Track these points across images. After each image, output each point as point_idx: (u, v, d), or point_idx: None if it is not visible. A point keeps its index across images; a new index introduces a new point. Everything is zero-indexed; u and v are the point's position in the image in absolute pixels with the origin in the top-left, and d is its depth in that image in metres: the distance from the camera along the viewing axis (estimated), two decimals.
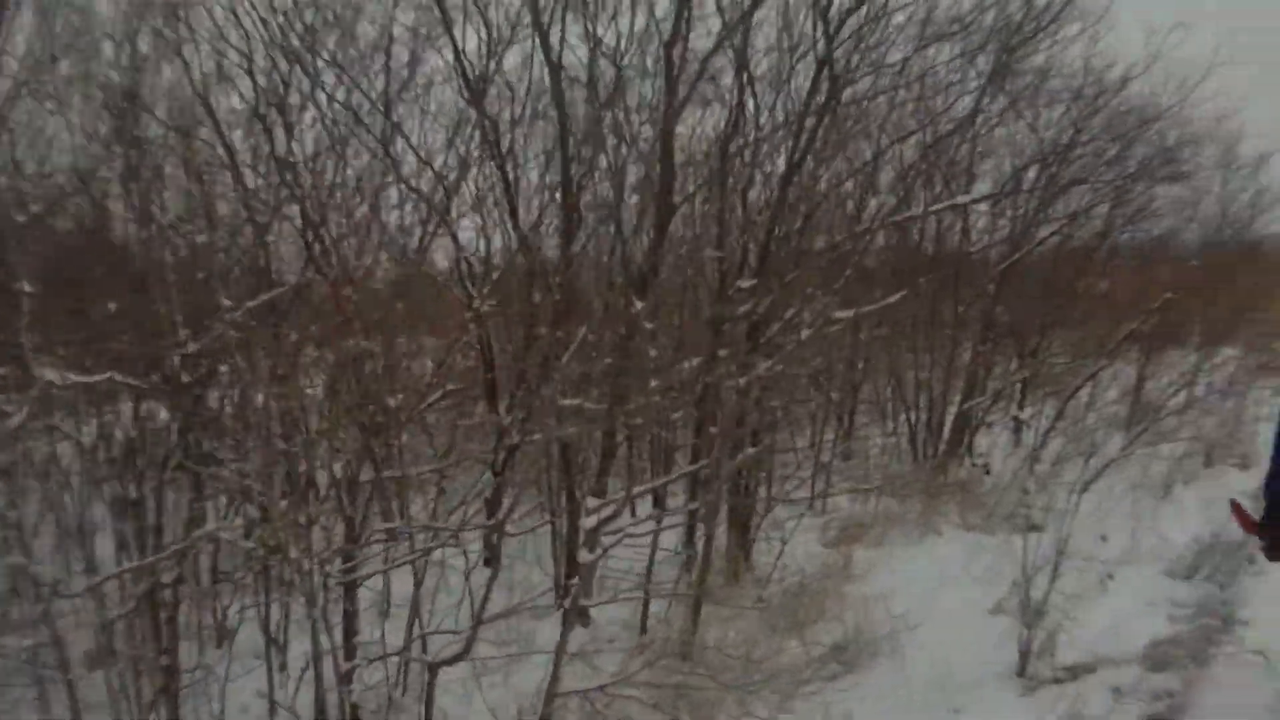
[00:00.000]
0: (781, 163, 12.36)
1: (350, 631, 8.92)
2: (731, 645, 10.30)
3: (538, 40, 11.05)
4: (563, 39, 11.16)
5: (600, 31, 11.49)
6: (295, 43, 11.10)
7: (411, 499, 11.80)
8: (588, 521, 8.23)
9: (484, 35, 11.89)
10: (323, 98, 11.65)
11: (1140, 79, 16.22)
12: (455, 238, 12.93)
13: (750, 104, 12.31)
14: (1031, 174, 17.45)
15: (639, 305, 8.71)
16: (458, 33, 11.58)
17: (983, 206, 18.28)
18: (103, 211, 10.36)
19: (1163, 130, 17.42)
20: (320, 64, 11.55)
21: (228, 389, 9.91)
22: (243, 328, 8.62)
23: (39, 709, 8.30)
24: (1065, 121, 16.90)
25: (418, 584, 9.16)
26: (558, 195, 12.30)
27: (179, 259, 9.39)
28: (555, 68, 10.91)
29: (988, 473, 17.42)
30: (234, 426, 9.34)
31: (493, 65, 12.07)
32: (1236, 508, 5.82)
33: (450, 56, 11.88)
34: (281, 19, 10.87)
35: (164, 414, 9.26)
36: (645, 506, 14.17)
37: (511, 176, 12.37)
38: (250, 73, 10.79)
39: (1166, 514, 15.15)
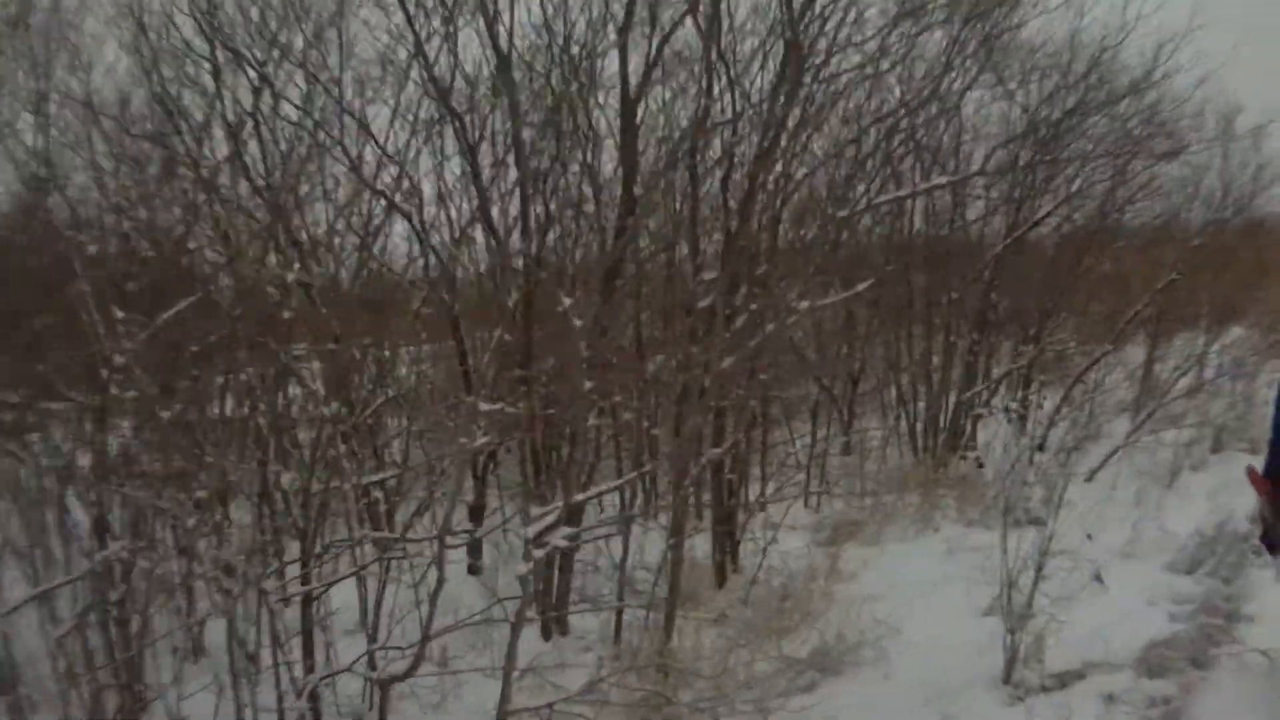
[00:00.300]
0: (752, 149, 11.86)
1: (309, 647, 8.53)
2: (708, 653, 9.86)
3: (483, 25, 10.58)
4: (512, 25, 10.77)
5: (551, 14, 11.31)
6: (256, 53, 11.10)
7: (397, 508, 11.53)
8: (527, 531, 7.80)
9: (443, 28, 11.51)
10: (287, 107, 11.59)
11: (1125, 48, 15.96)
12: (422, 237, 12.56)
13: (719, 88, 11.86)
14: (1025, 154, 16.78)
15: (567, 302, 8.21)
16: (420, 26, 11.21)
17: (978, 189, 17.67)
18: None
19: (1155, 105, 16.90)
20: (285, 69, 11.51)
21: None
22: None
23: None
24: (1056, 98, 16.41)
25: (362, 598, 8.88)
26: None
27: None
28: (504, 57, 10.48)
29: (980, 466, 16.85)
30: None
31: (454, 58, 11.73)
32: (1252, 472, 6.57)
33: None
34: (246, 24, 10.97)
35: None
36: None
37: (486, 174, 12.05)
38: (215, 79, 10.85)
39: (1171, 504, 14.57)
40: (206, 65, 10.99)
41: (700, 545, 12.80)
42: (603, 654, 10.30)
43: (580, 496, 8.95)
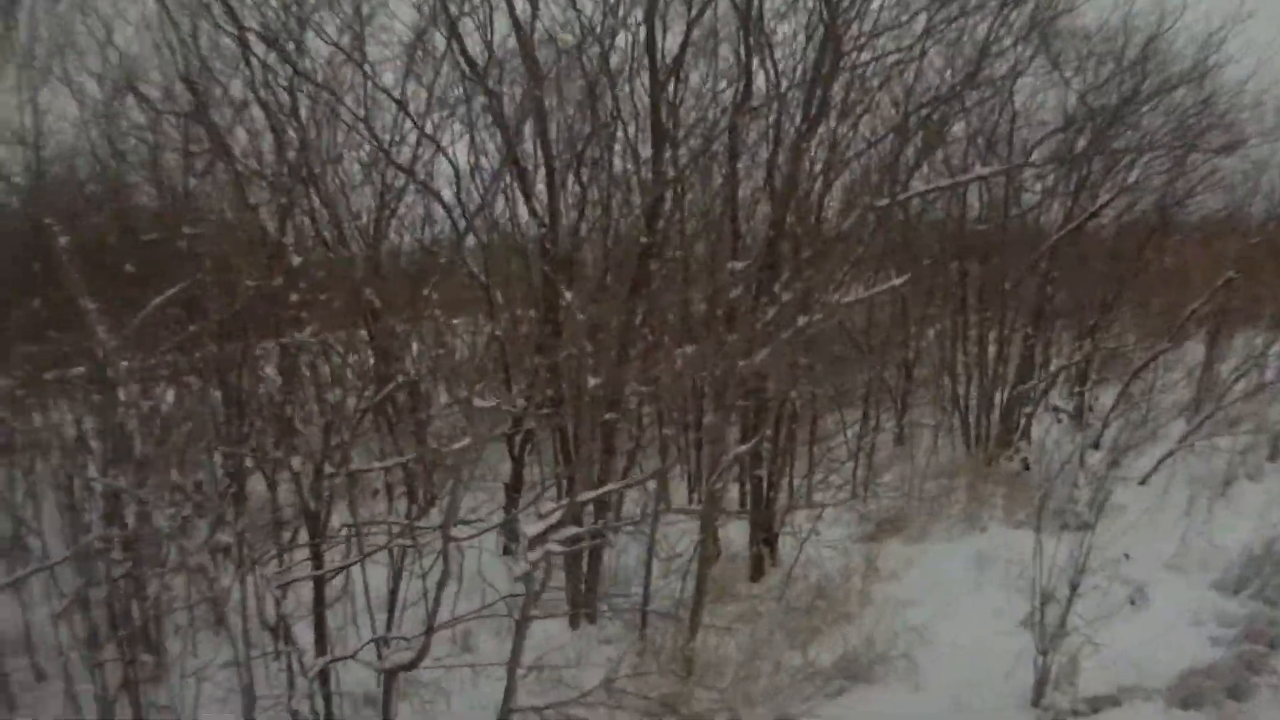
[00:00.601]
0: (791, 131, 11.49)
1: (320, 631, 8.31)
2: (733, 653, 9.52)
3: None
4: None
5: None
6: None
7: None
8: (532, 528, 7.60)
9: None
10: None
11: (1177, 36, 15.48)
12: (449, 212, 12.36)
13: (758, 68, 11.52)
14: (1081, 142, 16.26)
15: (567, 296, 7.88)
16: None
17: (1032, 178, 17.20)
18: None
19: (1211, 97, 16.23)
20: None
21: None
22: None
23: None
24: (1110, 84, 15.86)
25: (368, 585, 8.73)
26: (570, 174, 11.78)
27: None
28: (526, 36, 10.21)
29: (1026, 468, 16.35)
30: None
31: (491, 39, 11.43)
32: None
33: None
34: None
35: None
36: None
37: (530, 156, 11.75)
38: (245, 58, 10.54)
39: (1222, 515, 13.93)
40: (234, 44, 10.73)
41: (739, 536, 12.57)
42: (626, 647, 9.96)
43: (584, 495, 8.60)
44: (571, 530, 8.13)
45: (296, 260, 8.32)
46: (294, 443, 8.50)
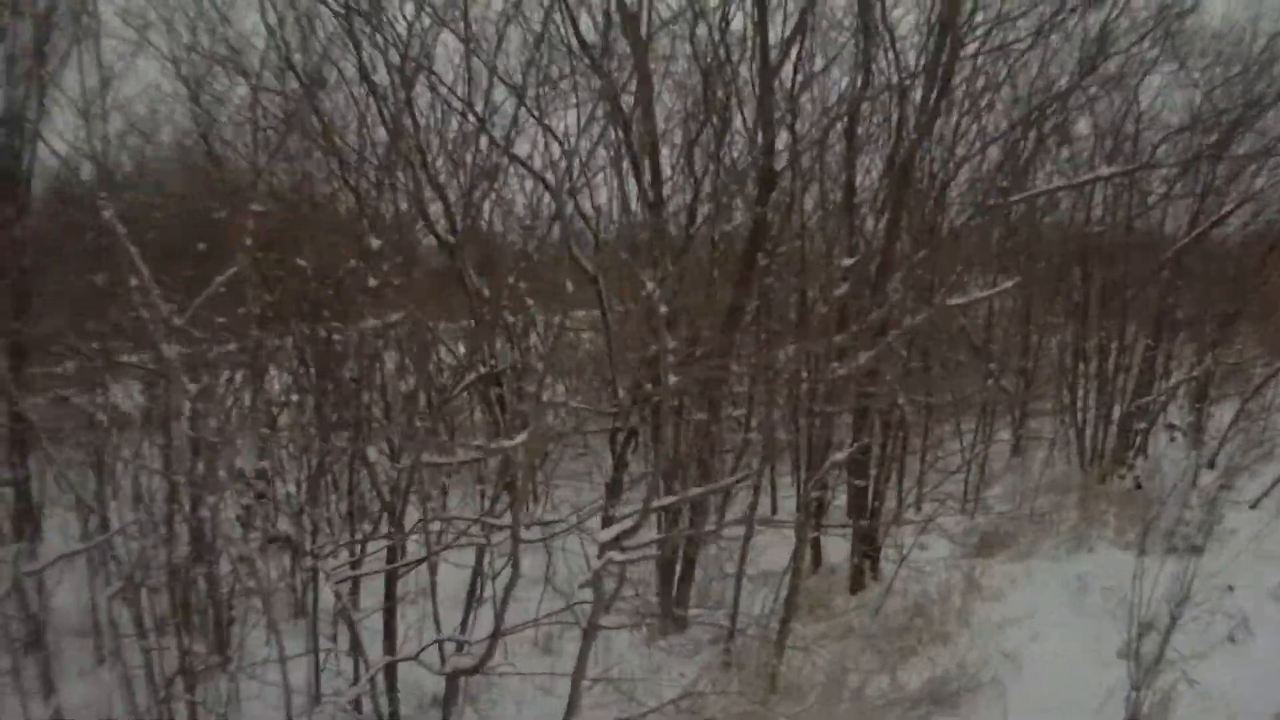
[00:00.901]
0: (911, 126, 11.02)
1: (390, 628, 8.15)
2: (821, 671, 9.18)
3: None
4: None
5: None
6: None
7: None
8: (604, 534, 7.32)
9: None
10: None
11: None
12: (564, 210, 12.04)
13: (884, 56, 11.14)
14: (1208, 145, 15.48)
15: (650, 287, 7.44)
16: None
17: (1157, 181, 16.51)
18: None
19: None
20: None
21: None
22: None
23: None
24: (1232, 84, 15.20)
25: (433, 584, 8.40)
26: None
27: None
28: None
29: (1138, 486, 15.62)
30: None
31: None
32: None
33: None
34: None
35: None
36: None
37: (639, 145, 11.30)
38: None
39: None
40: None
41: (843, 546, 12.18)
42: (709, 660, 9.72)
43: (659, 501, 8.19)
44: (648, 537, 7.76)
45: (376, 244, 8.01)
46: (370, 432, 8.29)
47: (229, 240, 7.63)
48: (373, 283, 7.86)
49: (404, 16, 10.51)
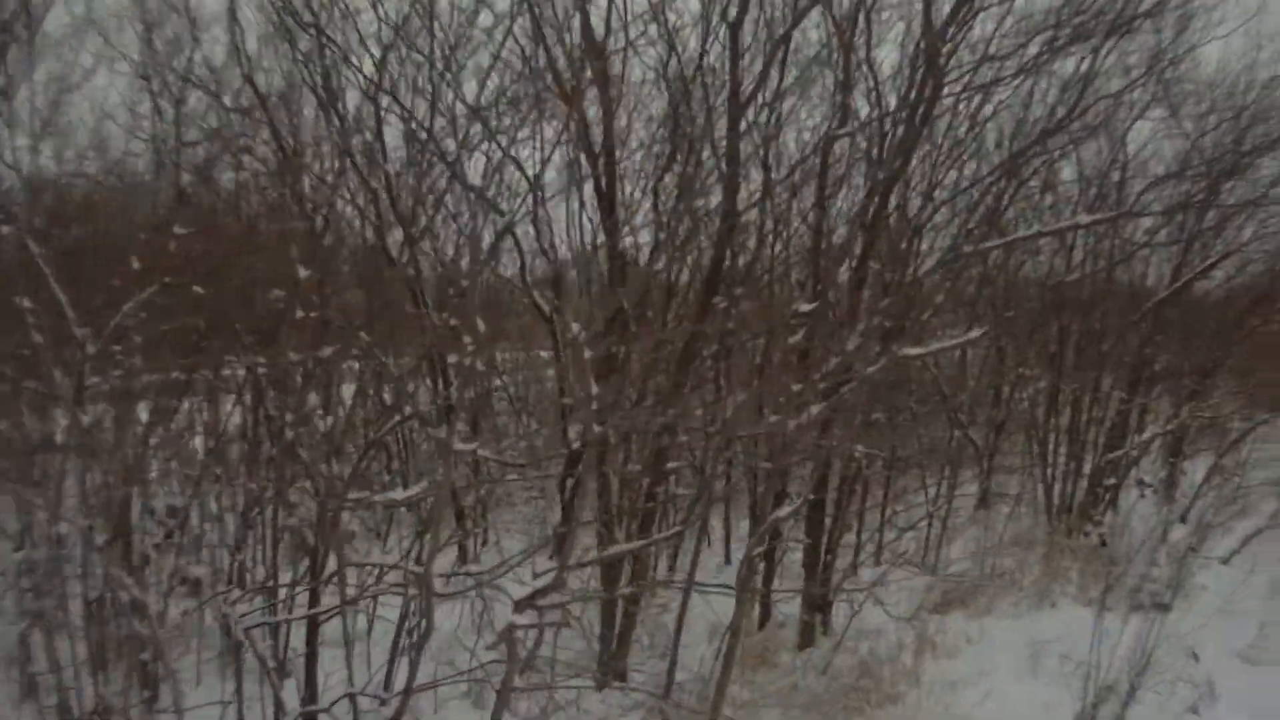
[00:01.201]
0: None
1: (311, 674, 8.04)
2: None
3: None
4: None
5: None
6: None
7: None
8: (518, 591, 7.03)
9: None
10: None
11: None
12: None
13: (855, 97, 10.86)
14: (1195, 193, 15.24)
15: (575, 329, 7.13)
16: None
17: (1140, 231, 16.20)
18: None
19: None
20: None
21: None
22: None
23: None
24: (1223, 131, 14.87)
25: (347, 632, 8.09)
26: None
27: None
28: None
29: (1103, 544, 15.31)
30: None
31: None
32: None
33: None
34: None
35: None
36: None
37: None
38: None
39: None
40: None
41: (792, 600, 11.82)
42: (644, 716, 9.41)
43: (574, 562, 7.79)
44: (560, 598, 7.33)
45: (304, 273, 7.63)
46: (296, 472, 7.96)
47: (142, 261, 7.36)
48: (299, 314, 7.51)
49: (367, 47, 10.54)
